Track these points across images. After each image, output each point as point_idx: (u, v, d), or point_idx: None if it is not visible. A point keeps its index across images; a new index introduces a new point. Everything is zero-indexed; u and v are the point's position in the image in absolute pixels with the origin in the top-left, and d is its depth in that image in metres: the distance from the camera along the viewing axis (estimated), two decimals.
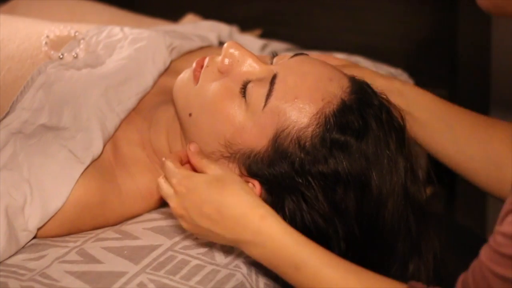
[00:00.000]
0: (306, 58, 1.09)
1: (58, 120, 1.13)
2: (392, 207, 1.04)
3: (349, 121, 1.03)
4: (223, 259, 1.06)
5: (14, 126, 1.13)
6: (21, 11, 1.58)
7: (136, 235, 1.10)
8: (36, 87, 1.16)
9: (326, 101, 1.04)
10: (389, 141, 1.04)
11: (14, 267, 1.04)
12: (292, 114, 1.03)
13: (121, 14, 1.65)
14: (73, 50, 1.23)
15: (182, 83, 1.11)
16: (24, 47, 1.24)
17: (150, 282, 1.01)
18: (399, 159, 1.05)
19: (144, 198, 1.17)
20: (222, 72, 1.08)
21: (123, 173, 1.15)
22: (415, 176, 1.07)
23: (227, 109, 1.06)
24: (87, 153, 1.11)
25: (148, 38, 1.27)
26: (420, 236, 1.08)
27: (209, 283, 1.02)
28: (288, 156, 1.03)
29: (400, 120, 1.08)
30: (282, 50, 1.60)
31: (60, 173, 1.09)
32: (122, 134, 1.17)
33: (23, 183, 1.08)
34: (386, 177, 1.03)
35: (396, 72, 1.60)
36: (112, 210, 1.14)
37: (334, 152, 1.02)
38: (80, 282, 1.01)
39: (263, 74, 1.07)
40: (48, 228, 1.10)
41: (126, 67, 1.21)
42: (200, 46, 1.34)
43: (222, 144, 1.06)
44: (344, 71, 1.08)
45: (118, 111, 1.16)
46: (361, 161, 1.03)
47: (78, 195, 1.09)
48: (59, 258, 1.06)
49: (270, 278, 1.08)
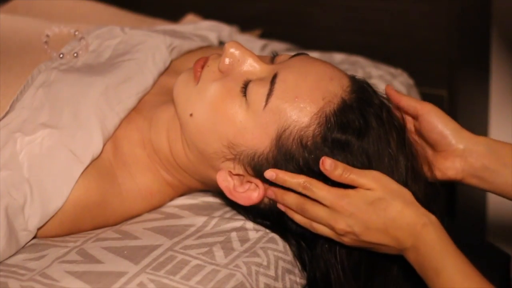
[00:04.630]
0: (306, 58, 1.09)
1: (58, 119, 1.13)
2: None
3: (350, 120, 1.03)
4: (223, 259, 1.06)
5: (14, 125, 1.12)
6: (21, 11, 1.58)
7: (136, 235, 1.10)
8: (36, 86, 1.16)
9: (327, 100, 1.04)
10: (389, 139, 1.05)
11: (14, 267, 1.04)
12: (293, 114, 1.04)
13: (121, 14, 1.65)
14: (73, 50, 1.23)
15: (182, 83, 1.11)
16: (24, 46, 1.24)
17: (150, 282, 1.01)
18: (400, 158, 1.05)
19: (144, 198, 1.17)
20: (223, 71, 1.09)
21: (123, 172, 1.15)
22: (415, 175, 1.07)
23: (228, 109, 1.06)
24: (87, 153, 1.11)
25: (148, 38, 1.27)
26: None
27: (209, 283, 1.02)
28: (292, 156, 1.03)
29: (400, 119, 1.09)
30: (282, 50, 1.60)
31: (60, 172, 1.09)
32: (122, 133, 1.17)
33: (23, 183, 1.08)
34: (388, 175, 1.04)
35: (396, 72, 1.60)
36: (112, 210, 1.14)
37: (335, 151, 1.03)
38: (80, 282, 1.01)
39: (264, 74, 1.07)
40: (48, 228, 1.10)
41: (126, 66, 1.21)
42: (200, 46, 1.34)
43: (225, 145, 1.06)
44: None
45: (118, 111, 1.16)
46: (363, 159, 1.03)
47: (78, 194, 1.09)
48: (59, 258, 1.06)
49: (270, 278, 1.08)
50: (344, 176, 1.02)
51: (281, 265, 1.10)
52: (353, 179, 1.02)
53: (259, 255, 1.08)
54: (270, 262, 1.09)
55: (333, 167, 1.02)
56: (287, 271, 1.10)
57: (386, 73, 1.57)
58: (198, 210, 1.17)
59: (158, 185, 1.17)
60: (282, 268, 1.10)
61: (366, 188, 1.02)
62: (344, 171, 1.02)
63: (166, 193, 1.18)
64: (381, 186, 1.01)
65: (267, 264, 1.08)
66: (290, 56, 1.10)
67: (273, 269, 1.09)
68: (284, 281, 1.09)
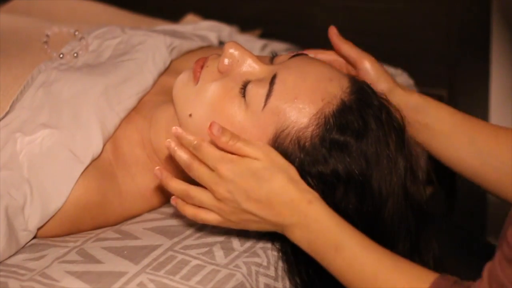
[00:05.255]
0: (306, 58, 1.09)
1: (58, 120, 1.13)
2: (392, 207, 1.05)
3: (349, 122, 1.03)
4: (223, 259, 1.06)
5: (14, 125, 1.12)
6: (21, 11, 1.58)
7: (136, 235, 1.10)
8: (36, 86, 1.16)
9: (326, 101, 1.04)
10: (388, 141, 1.04)
11: (14, 267, 1.04)
12: (292, 115, 1.04)
13: (121, 14, 1.65)
14: (73, 50, 1.24)
15: (182, 83, 1.11)
16: (24, 46, 1.24)
17: (150, 282, 1.01)
18: (399, 159, 1.05)
19: (144, 198, 1.17)
20: (222, 72, 1.08)
21: (123, 172, 1.15)
22: (415, 176, 1.07)
23: (227, 109, 1.06)
24: (87, 153, 1.11)
25: (148, 38, 1.27)
26: (419, 236, 1.08)
27: (209, 283, 1.02)
28: (287, 156, 1.03)
29: (399, 121, 1.08)
30: (282, 50, 1.60)
31: (60, 172, 1.09)
32: (122, 133, 1.17)
33: (23, 183, 1.08)
34: (386, 177, 1.04)
35: (396, 72, 1.60)
36: (112, 210, 1.14)
37: (333, 152, 1.02)
38: (80, 282, 1.01)
39: (263, 74, 1.07)
40: (48, 228, 1.10)
41: (126, 66, 1.21)
42: (200, 46, 1.34)
43: None
44: (351, 72, 1.09)
45: (118, 111, 1.16)
46: (361, 161, 1.03)
47: (78, 194, 1.09)
48: (59, 258, 1.06)
49: (270, 278, 1.08)
50: (231, 143, 1.01)
51: (281, 265, 1.10)
52: (239, 147, 1.01)
53: (259, 255, 1.08)
54: (270, 262, 1.09)
55: (220, 132, 1.01)
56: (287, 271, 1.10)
57: None
58: None
59: (158, 185, 1.17)
60: (282, 268, 1.10)
61: (252, 157, 1.01)
62: (231, 138, 1.01)
63: (166, 193, 1.18)
64: (267, 158, 1.01)
65: (267, 264, 1.08)
66: (289, 56, 1.10)
67: (273, 269, 1.09)
68: (284, 281, 1.09)
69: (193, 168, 1.04)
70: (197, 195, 1.04)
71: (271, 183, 1.00)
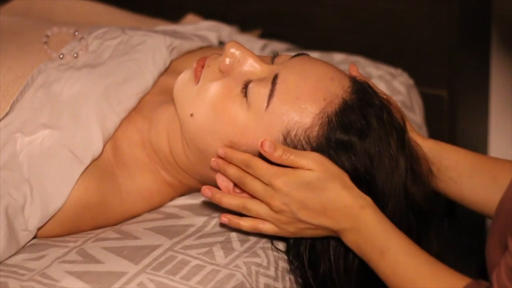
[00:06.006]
0: (307, 58, 1.09)
1: (58, 120, 1.13)
2: (393, 207, 1.05)
3: (352, 121, 1.03)
4: (223, 259, 1.06)
5: (14, 125, 1.12)
6: (21, 11, 1.58)
7: (136, 235, 1.10)
8: (36, 87, 1.16)
9: (328, 101, 1.04)
10: (390, 140, 1.05)
11: (14, 267, 1.04)
12: (295, 115, 1.04)
13: (121, 14, 1.65)
14: (73, 50, 1.23)
15: (182, 83, 1.11)
16: (24, 46, 1.24)
17: (150, 282, 1.01)
18: (400, 159, 1.05)
19: (144, 198, 1.17)
20: (223, 71, 1.08)
21: (123, 173, 1.15)
22: (415, 176, 1.07)
23: (229, 109, 1.06)
24: (87, 153, 1.11)
25: (148, 38, 1.27)
26: (420, 236, 1.08)
27: (209, 283, 1.02)
28: None
29: (400, 121, 1.08)
30: (282, 50, 1.60)
31: (60, 172, 1.09)
32: (122, 134, 1.17)
33: (23, 183, 1.08)
34: (388, 176, 1.04)
35: (396, 72, 1.60)
36: (112, 210, 1.14)
37: (339, 152, 1.03)
38: (80, 282, 1.01)
39: (264, 74, 1.07)
40: (48, 228, 1.10)
41: (126, 67, 1.21)
42: (200, 46, 1.34)
43: (226, 145, 1.06)
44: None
45: (118, 111, 1.16)
46: (365, 160, 1.03)
47: (78, 195, 1.09)
48: (59, 258, 1.06)
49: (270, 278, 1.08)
50: (284, 157, 1.03)
51: (281, 265, 1.10)
52: (293, 160, 1.03)
53: (259, 255, 1.08)
54: (270, 262, 1.09)
55: (272, 148, 1.03)
56: (287, 271, 1.10)
57: (386, 73, 1.57)
58: (198, 210, 1.17)
59: (158, 185, 1.17)
60: (282, 268, 1.10)
61: (306, 168, 1.02)
62: (284, 153, 1.03)
63: (166, 193, 1.18)
64: (321, 167, 1.02)
65: (267, 264, 1.08)
66: (290, 56, 1.10)
67: (273, 269, 1.09)
68: (284, 281, 1.09)
69: (247, 183, 1.05)
70: (254, 208, 1.06)
71: (327, 192, 1.02)
